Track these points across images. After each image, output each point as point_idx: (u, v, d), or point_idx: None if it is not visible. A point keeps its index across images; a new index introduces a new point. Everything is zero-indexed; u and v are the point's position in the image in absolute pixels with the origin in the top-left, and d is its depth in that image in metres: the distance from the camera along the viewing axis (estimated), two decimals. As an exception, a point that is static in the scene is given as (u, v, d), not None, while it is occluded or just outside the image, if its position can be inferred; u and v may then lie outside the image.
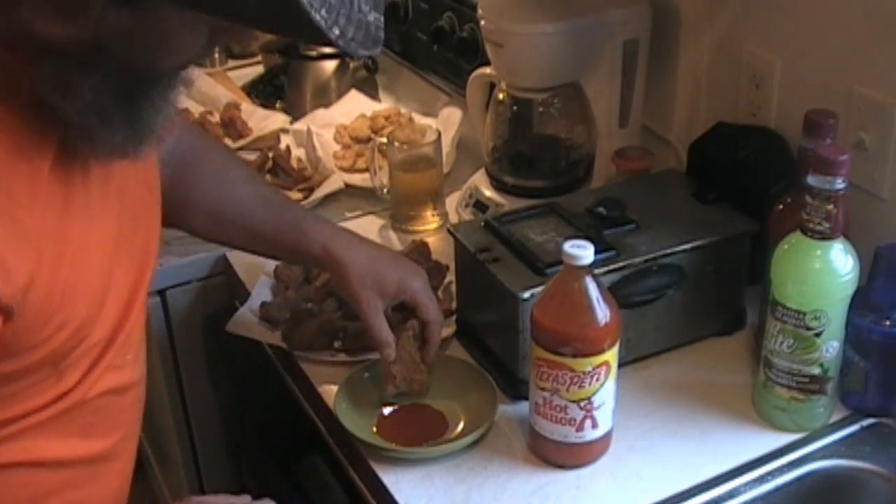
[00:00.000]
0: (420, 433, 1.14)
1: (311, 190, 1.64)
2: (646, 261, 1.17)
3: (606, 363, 1.03)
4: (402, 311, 1.20)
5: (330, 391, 1.19)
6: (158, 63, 0.83)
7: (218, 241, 1.33)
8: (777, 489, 1.06)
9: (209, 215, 1.23)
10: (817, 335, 1.06)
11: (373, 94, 2.02)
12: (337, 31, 0.74)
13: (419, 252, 1.44)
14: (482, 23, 1.44)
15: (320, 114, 1.91)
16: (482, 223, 1.25)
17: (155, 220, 1.06)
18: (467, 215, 1.53)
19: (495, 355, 1.22)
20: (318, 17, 0.72)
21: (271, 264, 1.41)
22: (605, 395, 1.05)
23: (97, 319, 0.93)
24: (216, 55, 2.30)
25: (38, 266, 0.83)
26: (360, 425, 1.13)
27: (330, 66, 1.98)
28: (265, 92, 2.06)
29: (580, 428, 1.06)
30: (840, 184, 1.00)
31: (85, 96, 0.81)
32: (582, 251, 1.00)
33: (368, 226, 1.57)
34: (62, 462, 0.96)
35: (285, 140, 1.83)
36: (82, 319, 0.90)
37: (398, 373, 1.14)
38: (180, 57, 0.84)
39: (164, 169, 1.21)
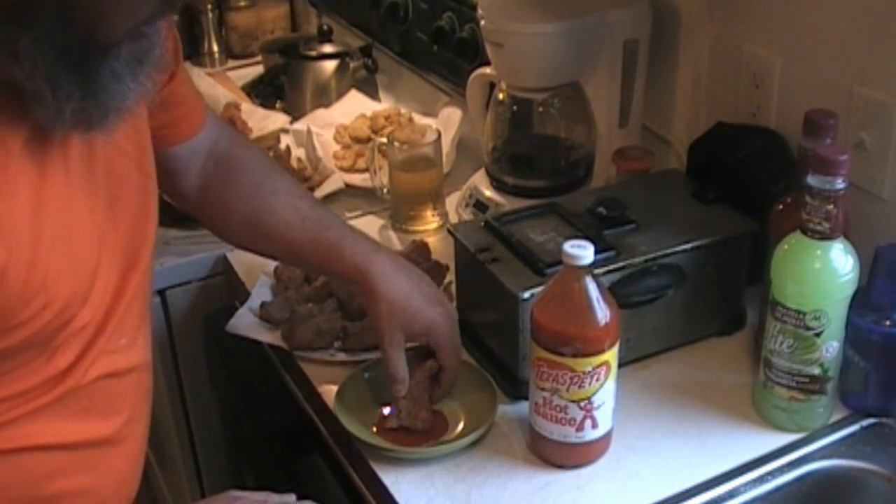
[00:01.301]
0: (420, 433, 1.13)
1: (311, 190, 1.64)
2: (646, 261, 1.17)
3: (606, 363, 1.03)
4: (420, 351, 1.18)
5: (330, 391, 1.19)
6: (106, 21, 0.81)
7: (253, 252, 1.30)
8: (777, 489, 1.06)
9: (245, 226, 1.22)
10: (817, 335, 1.05)
11: (373, 94, 2.02)
12: None
13: (419, 252, 1.44)
14: (482, 23, 1.44)
15: (320, 114, 1.91)
16: (482, 223, 1.25)
17: (148, 207, 1.05)
18: (467, 215, 1.53)
19: (495, 355, 1.22)
20: None
21: (271, 264, 1.41)
22: (605, 395, 1.05)
23: (85, 301, 0.93)
24: (216, 55, 2.31)
25: (14, 248, 0.83)
26: (360, 425, 1.13)
27: (330, 66, 1.98)
28: (265, 92, 2.07)
29: (580, 428, 1.06)
30: (840, 184, 1.00)
31: (27, 54, 0.79)
32: (582, 251, 1.00)
33: (368, 226, 1.56)
34: (62, 446, 0.96)
35: (285, 140, 1.83)
36: (67, 300, 0.90)
37: (404, 408, 1.14)
38: (131, 16, 0.82)
39: (197, 169, 1.21)
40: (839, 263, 1.04)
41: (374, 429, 1.15)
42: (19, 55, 0.80)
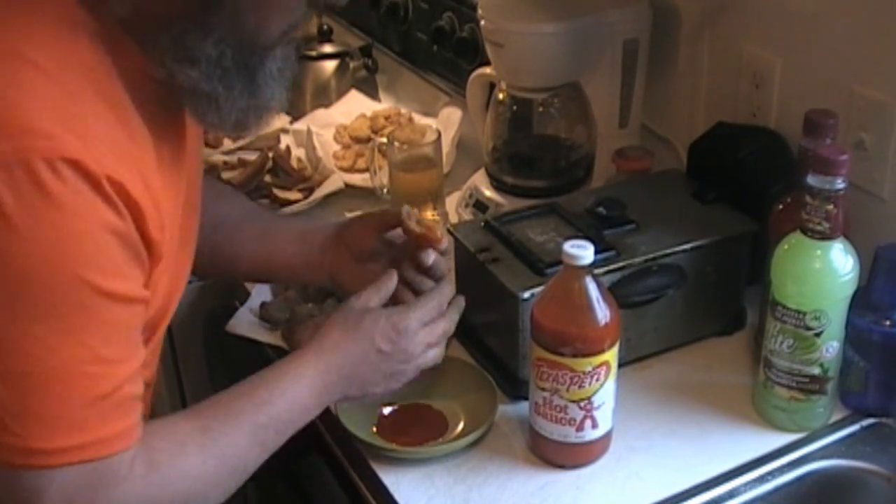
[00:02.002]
0: (420, 433, 1.14)
1: (311, 190, 1.64)
2: (646, 261, 1.17)
3: (606, 363, 1.03)
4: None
5: (330, 391, 1.19)
6: (268, 22, 0.84)
7: (218, 263, 1.23)
8: (777, 489, 1.06)
9: (211, 224, 1.19)
10: (817, 335, 1.06)
11: (373, 94, 2.02)
12: None
13: (419, 252, 1.44)
14: (482, 23, 1.44)
15: (320, 114, 1.91)
16: (482, 223, 1.25)
17: (192, 239, 1.05)
18: (467, 215, 1.53)
19: (495, 355, 1.22)
20: None
21: (271, 264, 1.41)
22: (605, 395, 1.05)
23: (165, 311, 0.94)
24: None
25: (167, 242, 0.86)
26: (360, 425, 1.13)
27: (330, 66, 1.98)
28: (265, 92, 2.06)
29: (580, 428, 1.06)
30: (840, 184, 1.00)
31: (210, 56, 0.82)
32: (582, 251, 1.00)
33: (368, 226, 1.56)
34: None
35: (285, 140, 1.83)
36: (160, 307, 0.92)
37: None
38: (287, 15, 0.85)
39: None
40: (839, 263, 1.04)
41: (375, 429, 1.15)
42: (197, 58, 0.81)
